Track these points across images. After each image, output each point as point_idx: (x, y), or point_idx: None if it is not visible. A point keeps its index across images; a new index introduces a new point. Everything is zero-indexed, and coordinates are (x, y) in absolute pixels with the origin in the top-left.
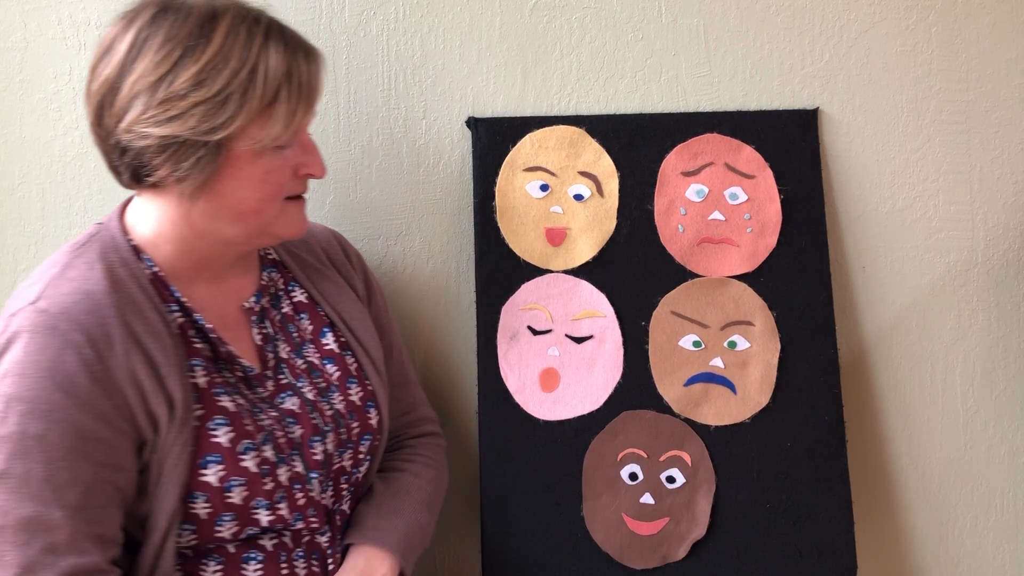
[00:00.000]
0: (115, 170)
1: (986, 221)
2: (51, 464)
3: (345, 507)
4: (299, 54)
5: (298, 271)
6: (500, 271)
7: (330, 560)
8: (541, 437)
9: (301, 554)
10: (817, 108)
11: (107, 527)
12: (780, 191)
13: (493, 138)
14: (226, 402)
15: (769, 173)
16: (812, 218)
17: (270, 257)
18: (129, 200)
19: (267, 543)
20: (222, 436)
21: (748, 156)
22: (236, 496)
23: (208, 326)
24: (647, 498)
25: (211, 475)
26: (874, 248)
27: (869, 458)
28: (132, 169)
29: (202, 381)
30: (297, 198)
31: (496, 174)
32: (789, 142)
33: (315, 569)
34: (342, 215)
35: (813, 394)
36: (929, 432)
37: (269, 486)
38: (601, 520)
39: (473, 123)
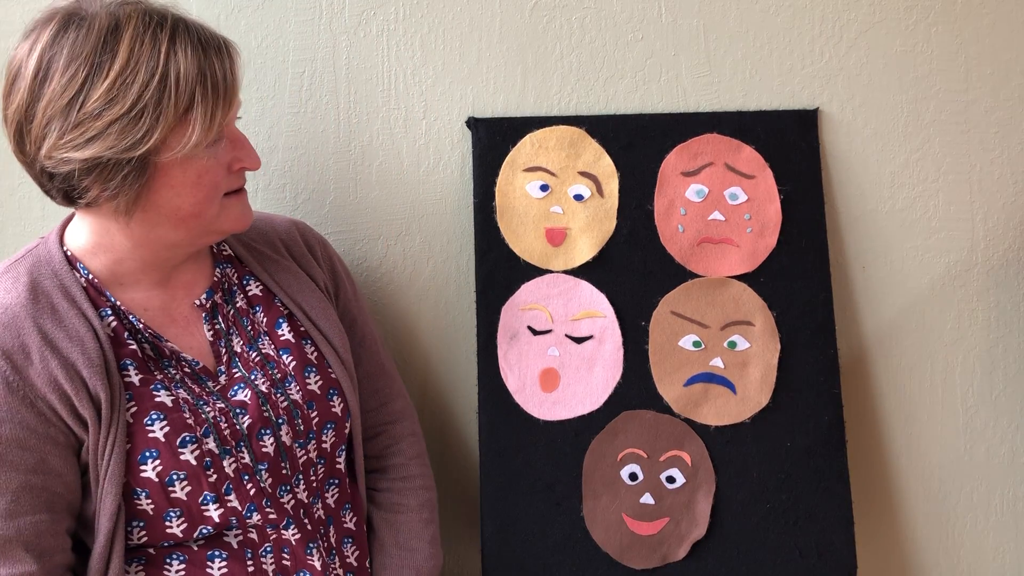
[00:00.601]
0: (48, 194)
1: (986, 221)
2: None
3: (330, 501)
4: (211, 52)
5: (254, 264)
6: (500, 271)
7: (314, 559)
8: (541, 437)
9: (269, 549)
10: (817, 108)
11: (43, 535)
12: (780, 191)
13: (493, 138)
14: (164, 397)
15: (769, 173)
16: (812, 218)
17: (224, 253)
18: (64, 225)
19: (232, 540)
20: (158, 431)
21: (748, 156)
22: (179, 491)
23: (140, 325)
24: (647, 498)
25: (150, 470)
26: (874, 248)
27: (869, 458)
28: (63, 192)
29: (136, 379)
30: (237, 191)
31: (496, 174)
32: (789, 142)
33: (285, 562)
34: (342, 215)
35: (813, 394)
36: (929, 432)
37: (214, 478)
38: (601, 520)
39: (473, 123)
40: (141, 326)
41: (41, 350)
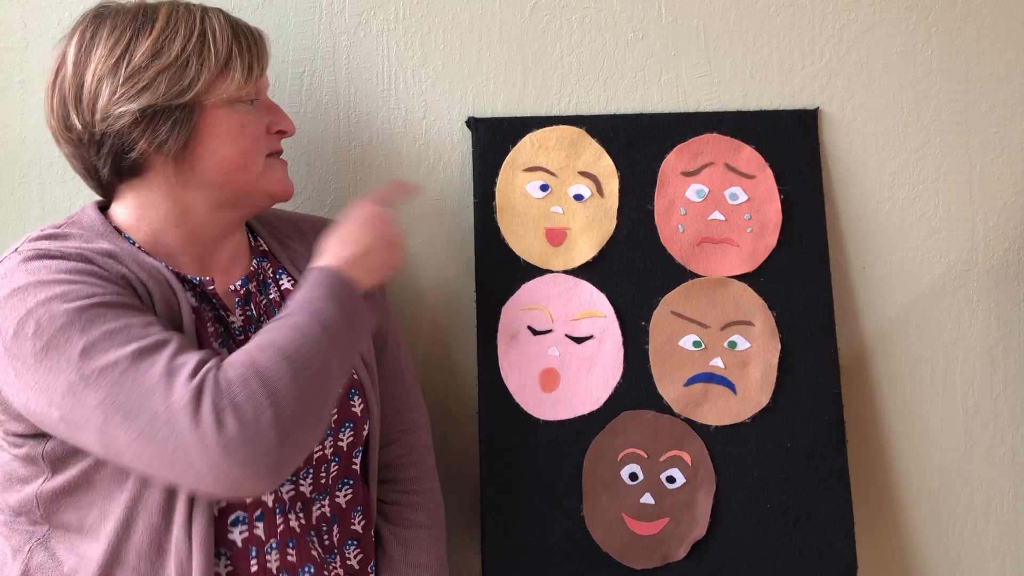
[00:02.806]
0: (92, 170)
1: (986, 221)
2: (119, 317)
3: (341, 501)
4: (240, 28)
5: (286, 260)
6: (500, 271)
7: (323, 552)
8: (541, 437)
9: (275, 546)
10: (817, 108)
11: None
12: (780, 191)
13: (493, 138)
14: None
15: (769, 173)
16: (812, 218)
17: (260, 248)
18: (98, 202)
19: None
20: None
21: (748, 156)
22: None
23: (190, 276)
24: (647, 498)
25: None
26: (874, 248)
27: (869, 458)
28: (113, 158)
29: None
30: (278, 159)
31: (496, 174)
32: (789, 142)
33: (290, 558)
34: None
35: (813, 394)
36: (929, 432)
37: None
38: (601, 520)
39: (473, 123)
40: (189, 276)
41: (130, 273)
